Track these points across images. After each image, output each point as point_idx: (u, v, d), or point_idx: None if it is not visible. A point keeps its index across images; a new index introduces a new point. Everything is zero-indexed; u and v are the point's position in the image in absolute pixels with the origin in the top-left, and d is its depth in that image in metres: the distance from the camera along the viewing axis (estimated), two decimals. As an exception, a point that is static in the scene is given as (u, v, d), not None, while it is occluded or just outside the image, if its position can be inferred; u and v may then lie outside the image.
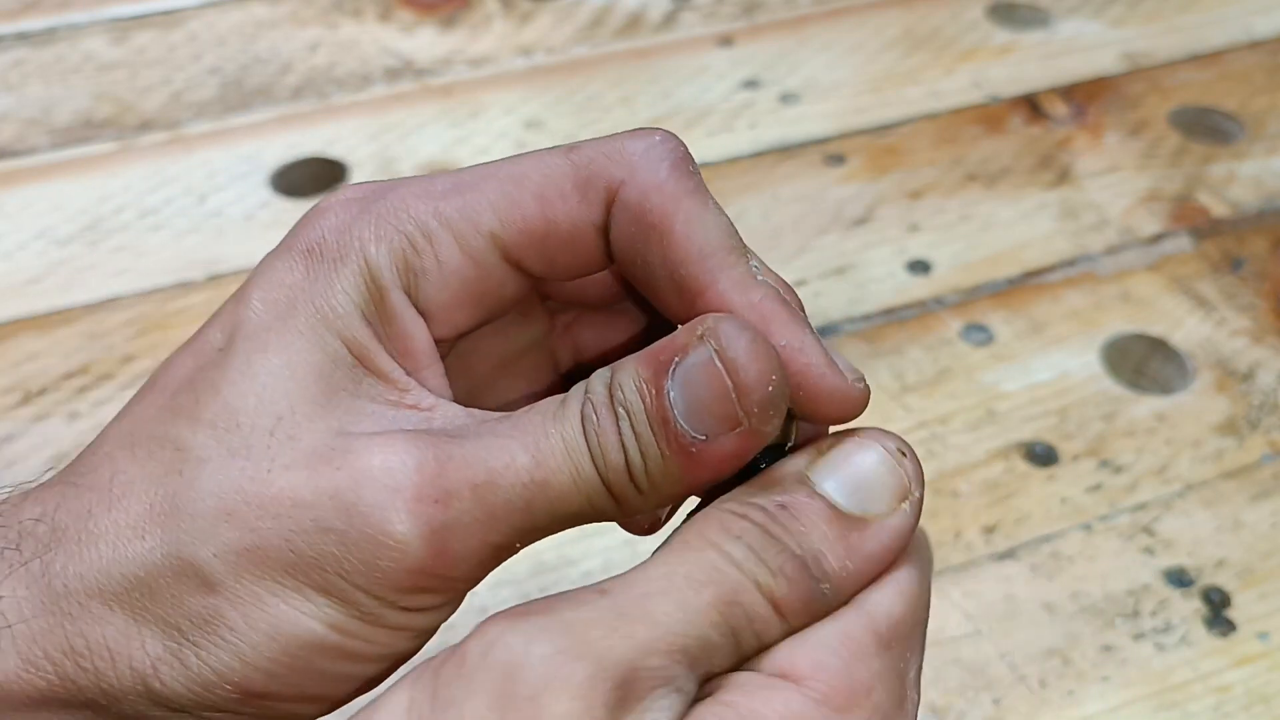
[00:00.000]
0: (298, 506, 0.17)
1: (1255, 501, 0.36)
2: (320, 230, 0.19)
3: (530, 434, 0.17)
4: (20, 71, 0.51)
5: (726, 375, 0.17)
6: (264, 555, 0.17)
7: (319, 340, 0.18)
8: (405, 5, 0.56)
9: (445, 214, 0.18)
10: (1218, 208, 0.46)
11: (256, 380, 0.18)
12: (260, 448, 0.17)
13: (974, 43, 0.54)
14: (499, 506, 0.17)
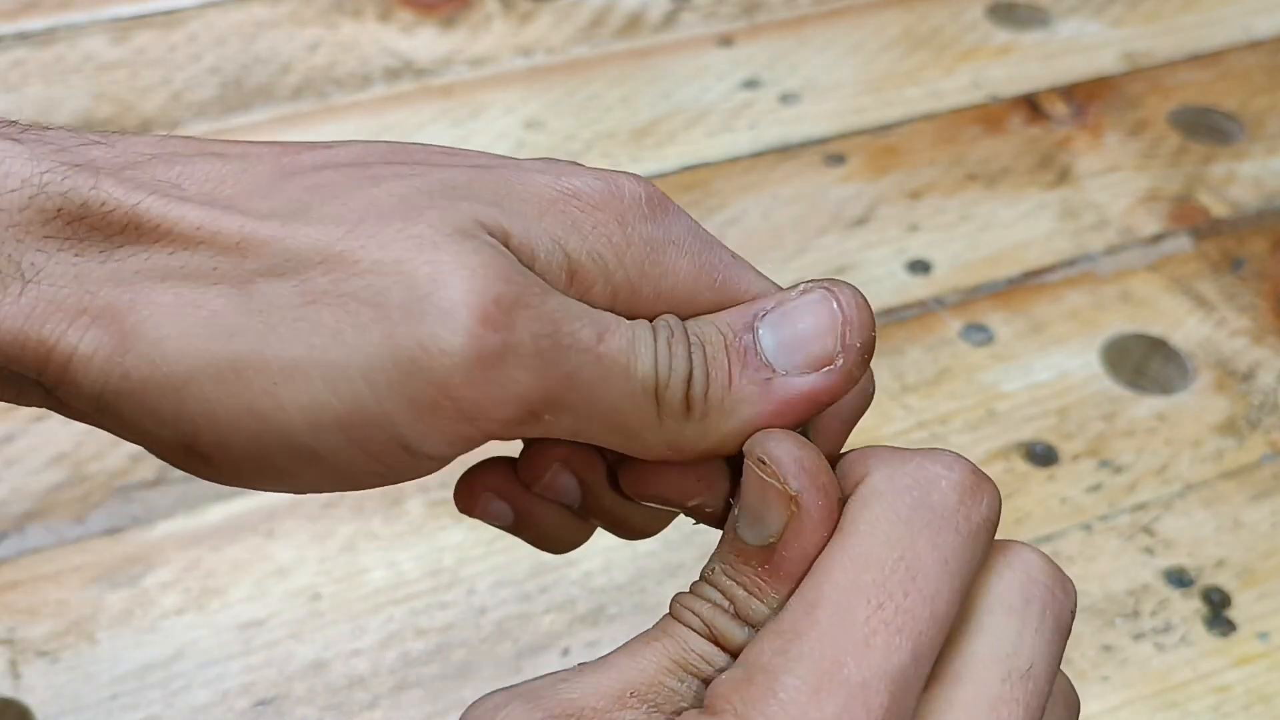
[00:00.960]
0: (378, 277, 0.16)
1: (1255, 501, 0.36)
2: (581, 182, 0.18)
3: (601, 318, 0.17)
4: (20, 71, 0.51)
5: (839, 307, 0.18)
6: (315, 310, 0.16)
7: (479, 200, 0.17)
8: (405, 5, 0.56)
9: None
10: (1218, 208, 0.46)
11: (414, 181, 0.17)
12: (369, 228, 0.16)
13: (974, 43, 0.54)
14: (550, 360, 0.16)
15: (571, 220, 0.18)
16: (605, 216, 0.18)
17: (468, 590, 0.33)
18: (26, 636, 0.32)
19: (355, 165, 0.18)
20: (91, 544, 0.34)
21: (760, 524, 0.17)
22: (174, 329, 0.16)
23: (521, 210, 0.17)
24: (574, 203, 0.18)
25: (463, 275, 0.16)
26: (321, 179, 0.17)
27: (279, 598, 0.33)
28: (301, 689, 0.31)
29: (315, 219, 0.17)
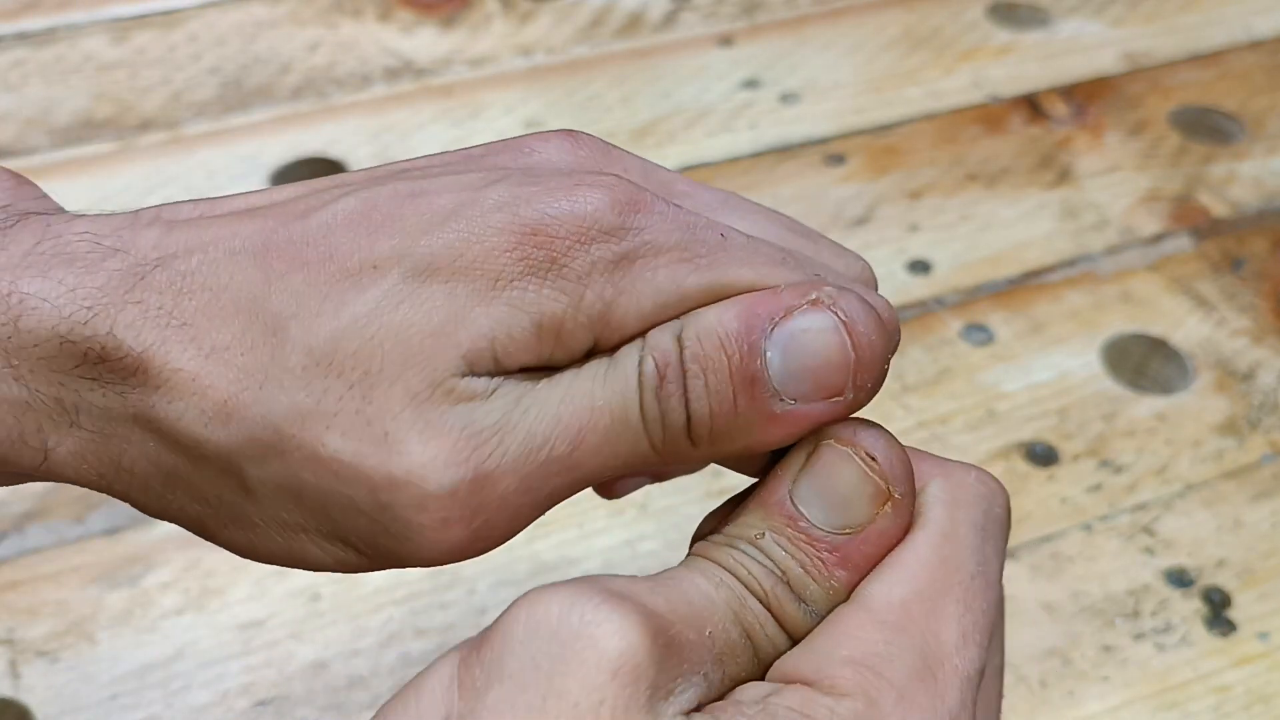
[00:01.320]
0: (339, 478, 0.17)
1: (1255, 501, 0.36)
2: (558, 226, 0.17)
3: (571, 407, 0.17)
4: (20, 71, 0.51)
5: (851, 347, 0.17)
6: (301, 499, 0.17)
7: (476, 299, 0.17)
8: (405, 5, 0.56)
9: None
10: (1218, 208, 0.46)
11: (373, 325, 0.17)
12: (334, 396, 0.17)
13: (974, 43, 0.54)
14: (527, 504, 0.17)
15: (530, 269, 0.17)
16: (562, 248, 0.17)
17: (468, 590, 0.33)
18: (26, 636, 0.32)
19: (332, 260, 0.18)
20: (91, 544, 0.34)
21: (842, 512, 0.17)
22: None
23: (478, 289, 0.17)
24: (531, 246, 0.17)
25: (415, 485, 0.17)
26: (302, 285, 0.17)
27: (279, 598, 0.33)
28: (301, 689, 0.31)
29: (285, 385, 0.17)
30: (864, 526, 0.17)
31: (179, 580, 0.33)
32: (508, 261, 0.17)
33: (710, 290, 0.17)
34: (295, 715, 0.30)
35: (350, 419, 0.17)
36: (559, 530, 0.34)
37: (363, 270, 0.17)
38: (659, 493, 0.35)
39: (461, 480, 0.17)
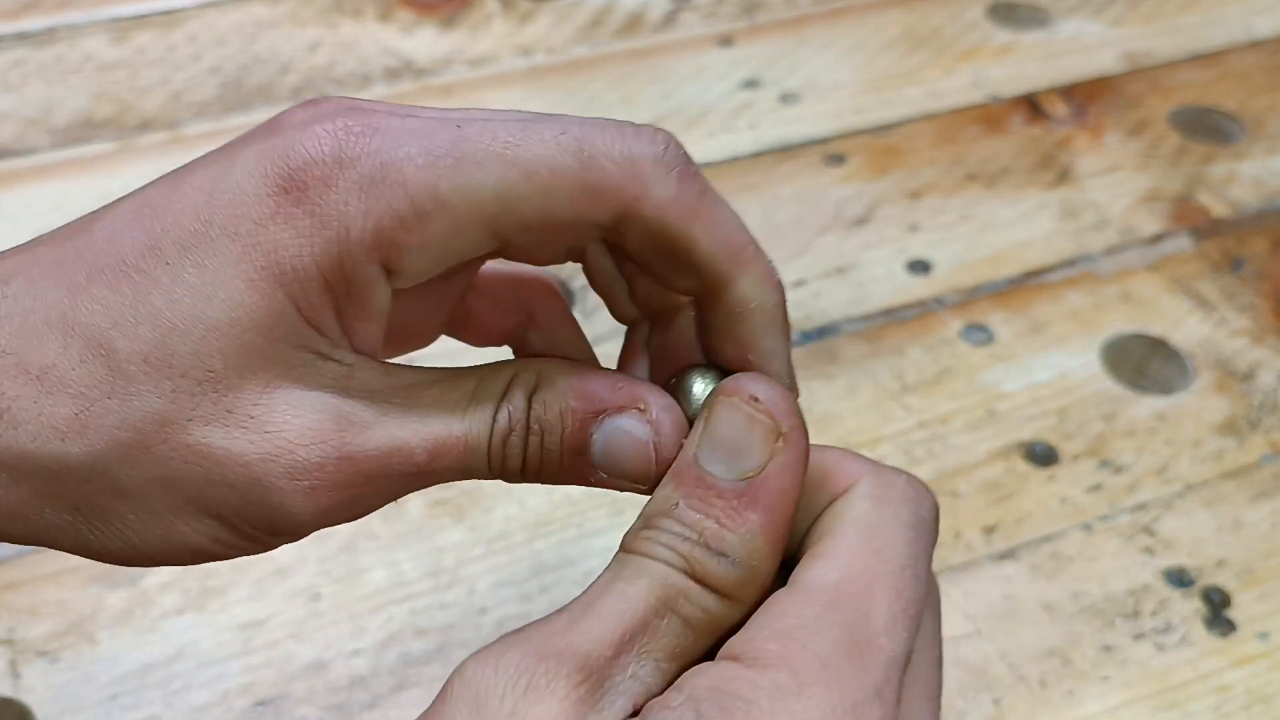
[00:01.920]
0: (209, 460, 0.19)
1: (1255, 501, 0.36)
2: (304, 165, 0.19)
3: (433, 428, 0.19)
4: (20, 71, 0.51)
5: (654, 457, 0.20)
6: (173, 485, 0.19)
7: (270, 295, 0.18)
8: (405, 5, 0.56)
9: (444, 194, 0.18)
10: (1218, 208, 0.46)
11: (197, 328, 0.18)
12: (186, 395, 0.18)
13: (974, 43, 0.54)
14: (385, 488, 0.20)
15: (290, 219, 0.19)
16: (315, 191, 0.19)
17: (468, 590, 0.33)
18: (26, 636, 0.32)
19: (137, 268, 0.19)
20: (91, 544, 0.34)
21: (740, 458, 0.18)
22: None
23: (260, 256, 0.18)
24: (284, 197, 0.19)
25: (285, 457, 0.19)
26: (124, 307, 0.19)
27: (279, 598, 0.33)
28: (301, 689, 0.31)
29: (133, 391, 0.18)
30: (764, 466, 0.18)
31: (179, 580, 0.33)
32: (274, 224, 0.18)
33: (465, 193, 0.18)
34: (295, 715, 0.30)
35: (211, 410, 0.18)
36: (559, 530, 0.34)
37: (149, 260, 0.18)
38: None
39: (328, 457, 0.19)
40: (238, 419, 0.19)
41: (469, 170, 0.18)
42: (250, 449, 0.19)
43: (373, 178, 0.18)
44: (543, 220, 0.19)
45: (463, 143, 0.19)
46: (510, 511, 0.35)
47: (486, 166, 0.19)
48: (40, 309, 0.19)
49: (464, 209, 0.19)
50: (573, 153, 0.19)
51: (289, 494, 0.19)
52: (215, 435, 0.19)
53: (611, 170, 0.19)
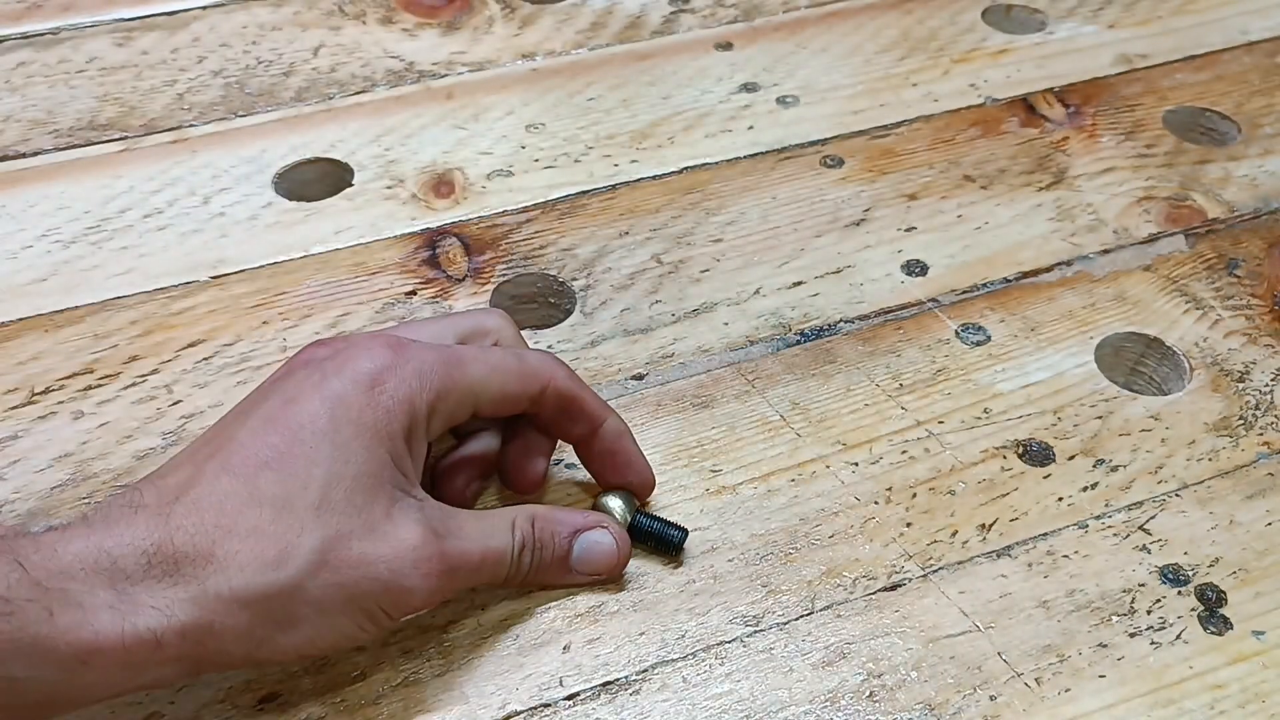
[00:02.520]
0: (365, 563, 0.29)
1: (1250, 500, 0.36)
2: (379, 369, 0.30)
3: (482, 540, 0.31)
4: (25, 73, 0.51)
5: (618, 559, 0.33)
6: (343, 588, 0.28)
7: (377, 450, 0.29)
8: (407, 8, 0.56)
9: (457, 382, 0.31)
10: (1213, 209, 0.46)
11: (343, 480, 0.29)
12: (345, 523, 0.29)
13: (970, 45, 0.54)
14: (459, 577, 0.31)
15: (385, 415, 0.30)
16: (390, 396, 0.31)
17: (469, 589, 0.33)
18: (32, 634, 0.32)
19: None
20: (96, 542, 0.34)
21: None
22: None
23: (373, 439, 0.30)
24: (376, 399, 0.31)
25: (410, 553, 0.29)
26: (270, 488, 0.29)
27: (282, 595, 0.33)
28: (305, 685, 0.31)
29: (314, 528, 0.28)
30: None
31: (183, 578, 0.33)
32: (370, 409, 0.30)
33: (467, 381, 0.32)
34: (299, 712, 0.30)
35: (361, 530, 0.29)
36: (559, 529, 0.35)
37: (298, 448, 0.29)
38: (659, 492, 0.36)
39: (434, 553, 0.29)
40: (378, 534, 0.29)
41: (465, 369, 0.32)
42: (389, 551, 0.29)
43: (421, 371, 0.31)
44: (502, 395, 0.32)
45: (461, 354, 0.32)
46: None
47: (474, 367, 0.32)
48: (230, 497, 0.28)
49: (465, 390, 0.31)
50: (515, 357, 0.33)
51: (415, 579, 0.29)
52: (367, 546, 0.29)
53: (539, 368, 0.33)
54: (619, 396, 0.38)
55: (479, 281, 0.42)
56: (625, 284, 0.42)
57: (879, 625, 0.32)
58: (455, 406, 0.31)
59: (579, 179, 0.47)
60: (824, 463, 0.37)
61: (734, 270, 0.43)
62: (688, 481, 0.36)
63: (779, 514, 0.35)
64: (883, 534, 0.35)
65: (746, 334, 0.41)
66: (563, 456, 0.37)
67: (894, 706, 0.31)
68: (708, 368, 0.40)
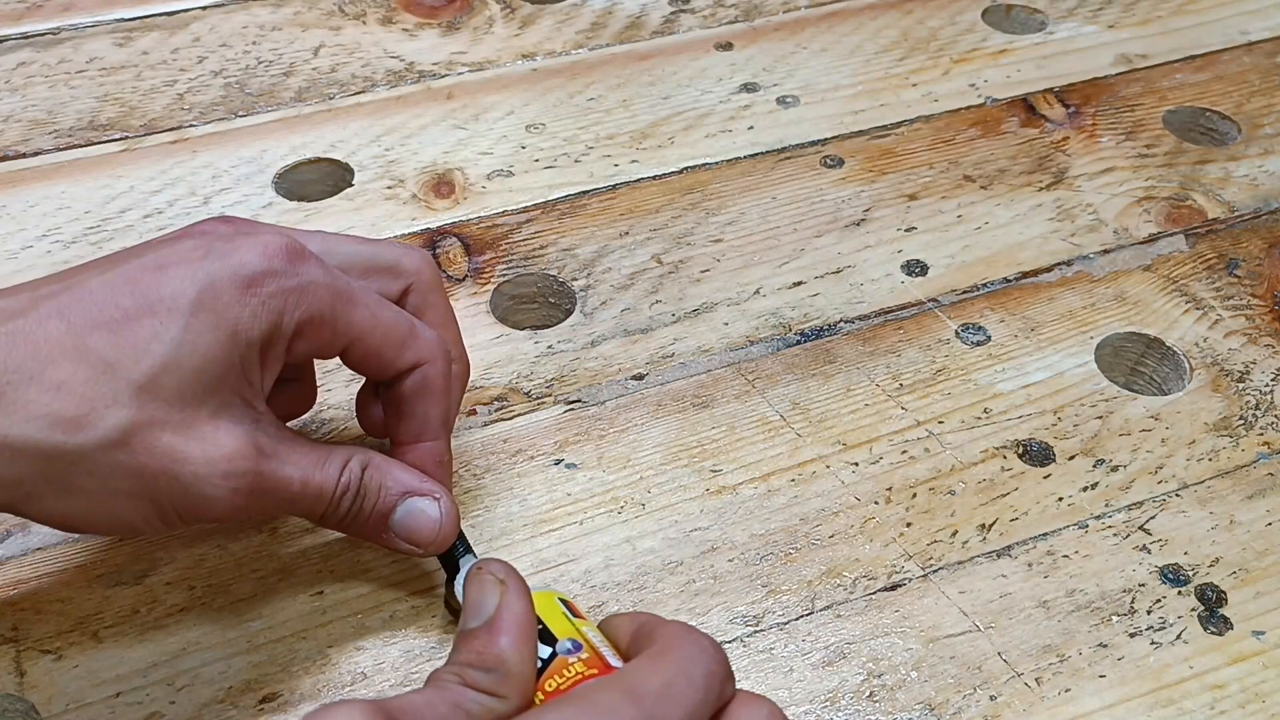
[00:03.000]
0: (169, 458, 0.27)
1: (1250, 500, 0.36)
2: (263, 269, 0.28)
3: (305, 470, 0.29)
4: (25, 73, 0.51)
5: (435, 535, 0.31)
6: (136, 474, 0.27)
7: (229, 349, 0.28)
8: (408, 8, 0.56)
9: (337, 318, 0.29)
10: (1213, 209, 0.46)
11: (179, 369, 0.27)
12: (163, 412, 0.27)
13: (970, 45, 0.54)
14: (269, 504, 0.29)
15: (243, 310, 0.28)
16: (261, 291, 0.29)
17: (469, 588, 0.33)
18: (31, 634, 0.32)
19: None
20: (96, 542, 0.34)
21: (481, 609, 0.26)
22: None
23: (221, 332, 0.28)
24: (241, 291, 0.28)
25: (223, 463, 0.27)
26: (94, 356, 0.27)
27: (282, 595, 0.33)
28: (305, 685, 0.31)
29: (126, 406, 0.26)
30: (498, 606, 0.26)
31: (183, 578, 0.33)
32: (238, 306, 0.28)
33: (347, 322, 0.30)
34: (299, 712, 0.30)
35: (178, 425, 0.27)
36: (560, 528, 0.35)
37: (147, 318, 0.27)
38: (659, 491, 0.36)
39: (248, 470, 0.28)
40: (194, 434, 0.27)
41: (352, 310, 0.30)
42: (199, 454, 0.27)
43: (305, 289, 0.29)
44: (374, 354, 0.30)
45: (354, 292, 0.30)
46: (512, 509, 0.35)
47: (361, 313, 0.30)
48: (49, 341, 0.26)
49: (341, 330, 0.30)
50: (407, 324, 0.31)
51: (218, 489, 0.27)
52: (178, 441, 0.27)
53: (422, 344, 0.31)
54: (619, 396, 0.38)
55: (479, 282, 0.42)
56: (625, 284, 0.42)
57: (879, 625, 0.32)
58: (325, 341, 0.30)
59: (579, 179, 0.47)
60: (824, 463, 0.37)
61: (734, 270, 0.43)
62: (688, 481, 0.36)
63: (779, 514, 0.35)
64: (883, 534, 0.35)
65: (746, 334, 0.41)
66: (562, 456, 0.37)
67: (894, 706, 0.31)
68: (708, 368, 0.40)
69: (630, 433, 0.37)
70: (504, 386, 0.39)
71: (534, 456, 0.37)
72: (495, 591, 0.26)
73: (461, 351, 0.34)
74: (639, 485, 0.36)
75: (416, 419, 0.31)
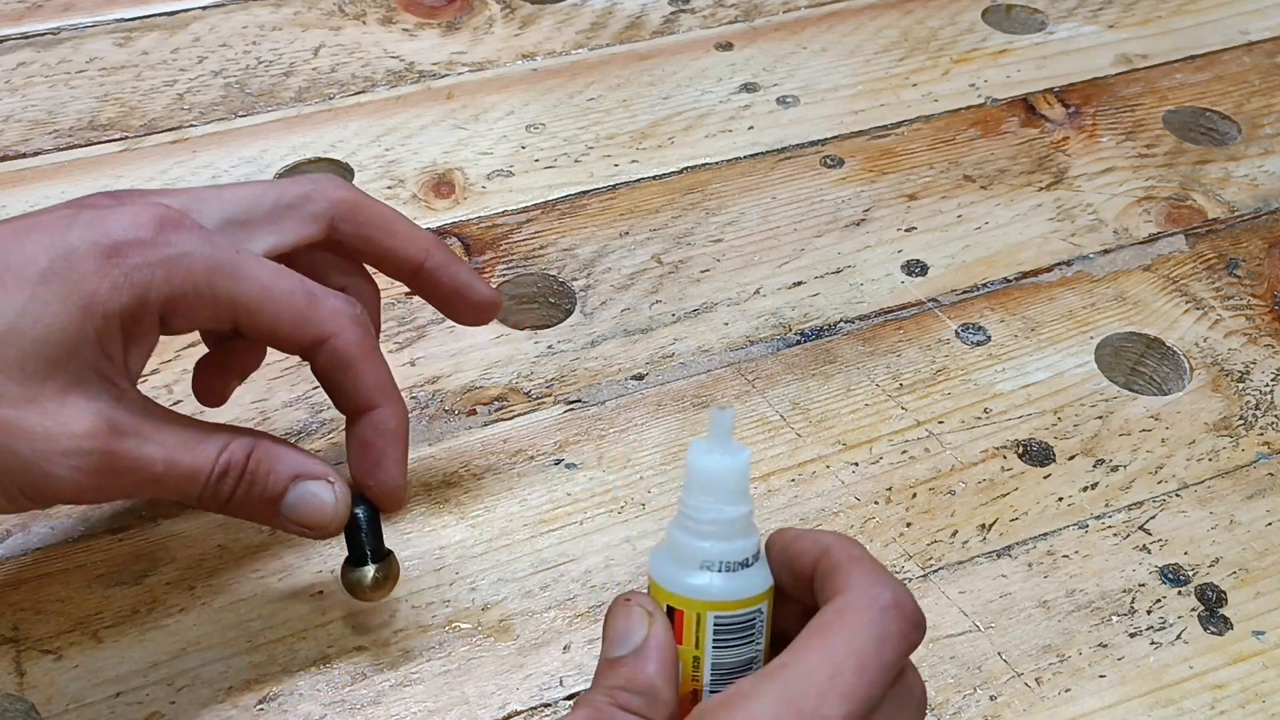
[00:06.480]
0: (6, 432, 0.25)
1: (1250, 500, 0.36)
2: (128, 239, 0.27)
3: (172, 451, 0.27)
4: (25, 73, 0.51)
5: (331, 519, 0.29)
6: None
7: (83, 322, 0.26)
8: (408, 9, 0.56)
9: (216, 293, 0.28)
10: (1213, 209, 0.46)
11: (25, 338, 0.25)
12: (3, 382, 0.25)
13: (970, 45, 0.54)
14: (129, 485, 0.27)
15: (102, 280, 0.27)
16: (123, 261, 0.27)
17: (470, 588, 0.33)
18: (31, 634, 0.32)
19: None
20: (96, 542, 0.34)
21: (629, 638, 0.25)
22: None
23: (77, 304, 0.26)
24: (103, 261, 0.27)
25: (67, 442, 0.26)
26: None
27: (282, 595, 0.33)
28: (305, 685, 0.31)
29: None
30: (647, 636, 0.25)
31: (183, 578, 0.33)
32: (95, 276, 0.26)
33: (230, 296, 0.28)
34: (299, 712, 0.31)
35: (19, 397, 0.26)
36: (559, 528, 0.35)
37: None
38: (659, 491, 0.36)
39: (96, 449, 0.26)
40: (37, 408, 0.26)
41: (235, 283, 0.28)
42: (40, 430, 0.26)
43: (174, 261, 0.27)
44: (269, 330, 0.29)
45: (239, 264, 0.28)
46: (512, 509, 0.35)
47: (246, 285, 0.28)
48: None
49: (224, 305, 0.28)
50: (303, 295, 0.29)
51: (61, 468, 0.26)
52: (16, 414, 0.25)
53: (322, 313, 0.29)
54: (619, 396, 0.38)
55: (479, 282, 0.42)
56: (625, 284, 0.42)
57: (879, 625, 0.32)
58: (206, 316, 0.28)
59: (579, 179, 0.47)
60: (824, 463, 0.37)
61: (734, 270, 0.43)
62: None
63: (779, 514, 0.35)
64: (883, 534, 0.35)
65: (746, 334, 0.41)
66: (562, 456, 0.37)
67: (894, 706, 0.31)
68: (708, 368, 0.40)
69: (630, 433, 0.37)
70: (504, 386, 0.39)
71: (534, 456, 0.37)
72: (644, 623, 0.25)
73: (424, 244, 0.32)
74: (639, 485, 0.36)
75: (345, 393, 0.30)
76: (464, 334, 0.40)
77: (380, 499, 0.31)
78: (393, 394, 0.30)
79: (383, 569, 0.31)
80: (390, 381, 0.30)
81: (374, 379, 0.30)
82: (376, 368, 0.30)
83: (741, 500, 0.25)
